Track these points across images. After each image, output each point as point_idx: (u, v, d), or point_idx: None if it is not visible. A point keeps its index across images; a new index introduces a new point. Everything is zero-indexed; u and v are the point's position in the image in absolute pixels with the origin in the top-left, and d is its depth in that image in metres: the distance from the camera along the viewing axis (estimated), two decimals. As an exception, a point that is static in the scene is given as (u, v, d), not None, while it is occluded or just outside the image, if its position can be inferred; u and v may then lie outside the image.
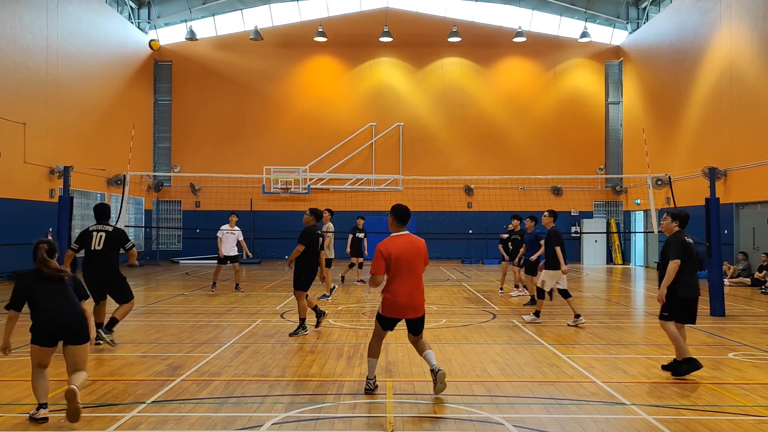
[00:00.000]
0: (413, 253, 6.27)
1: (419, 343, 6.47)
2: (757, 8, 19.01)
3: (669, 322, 7.14)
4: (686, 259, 7.07)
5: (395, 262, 6.18)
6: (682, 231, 7.28)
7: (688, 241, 7.19)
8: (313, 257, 9.77)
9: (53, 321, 5.41)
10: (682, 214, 7.36)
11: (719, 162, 19.89)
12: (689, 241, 7.20)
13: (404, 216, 6.42)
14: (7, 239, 17.87)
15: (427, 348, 6.39)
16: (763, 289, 16.51)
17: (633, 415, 5.69)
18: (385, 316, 6.32)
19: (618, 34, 29.99)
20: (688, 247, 7.14)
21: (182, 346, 8.71)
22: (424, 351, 6.37)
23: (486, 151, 29.42)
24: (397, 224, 6.42)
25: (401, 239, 6.32)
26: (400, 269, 6.19)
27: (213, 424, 5.39)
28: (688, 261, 7.09)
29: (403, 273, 6.20)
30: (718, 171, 18.90)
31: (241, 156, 28.92)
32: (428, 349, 6.38)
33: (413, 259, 6.25)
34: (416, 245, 6.34)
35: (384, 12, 29.11)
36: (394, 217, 6.44)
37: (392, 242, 6.28)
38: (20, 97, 19.09)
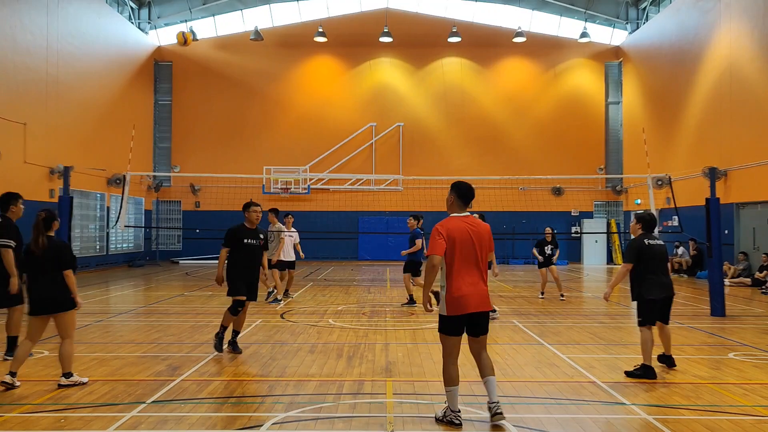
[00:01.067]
0: (475, 239, 5.31)
1: (482, 358, 5.42)
2: (757, 8, 19.01)
3: (644, 327, 7.15)
4: (641, 263, 7.10)
5: (455, 248, 5.26)
6: (646, 234, 7.29)
7: (649, 243, 7.16)
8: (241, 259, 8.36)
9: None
10: (646, 217, 7.41)
11: (719, 162, 19.89)
12: (650, 243, 7.17)
13: (467, 195, 5.48)
14: (7, 239, 17.84)
15: (489, 372, 5.36)
16: (763, 289, 16.51)
17: (633, 415, 5.69)
18: (450, 316, 5.27)
19: (618, 34, 29.99)
20: (645, 251, 7.12)
21: (182, 346, 8.71)
22: (486, 376, 5.36)
23: (486, 151, 29.42)
24: (459, 204, 5.47)
25: (462, 221, 5.39)
26: (461, 257, 5.26)
27: (213, 424, 5.39)
28: (645, 264, 7.09)
29: (464, 261, 5.26)
30: (718, 171, 18.90)
31: (241, 156, 28.93)
32: (491, 374, 5.37)
33: (475, 246, 5.30)
34: (478, 230, 5.36)
35: (384, 12, 29.12)
36: (456, 194, 5.49)
37: (452, 223, 5.37)
38: (20, 97, 19.09)
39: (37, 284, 6.60)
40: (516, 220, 27.64)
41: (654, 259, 7.12)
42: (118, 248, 26.21)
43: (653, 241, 7.23)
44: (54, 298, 6.53)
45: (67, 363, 6.57)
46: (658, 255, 7.17)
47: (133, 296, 15.41)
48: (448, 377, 5.30)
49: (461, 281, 5.24)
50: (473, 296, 5.23)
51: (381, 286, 17.86)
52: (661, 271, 7.18)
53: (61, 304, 6.55)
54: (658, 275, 7.13)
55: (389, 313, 12.26)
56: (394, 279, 19.92)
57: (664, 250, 7.27)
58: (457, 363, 5.35)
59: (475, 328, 5.36)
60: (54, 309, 6.56)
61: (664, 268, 7.22)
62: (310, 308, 12.77)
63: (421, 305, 12.62)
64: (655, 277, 7.10)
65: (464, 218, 5.42)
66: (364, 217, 28.75)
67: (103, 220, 24.59)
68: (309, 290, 16.29)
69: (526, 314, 12.07)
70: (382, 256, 28.73)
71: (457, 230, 5.30)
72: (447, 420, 5.28)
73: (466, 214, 5.48)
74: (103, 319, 11.24)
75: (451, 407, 5.29)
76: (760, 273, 17.57)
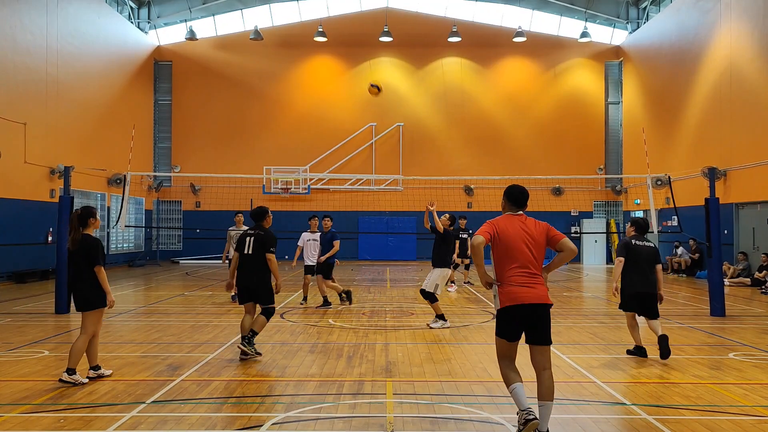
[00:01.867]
0: (526, 238, 5.13)
1: (543, 377, 5.00)
2: (757, 8, 19.01)
3: (625, 312, 8.31)
4: (628, 260, 8.11)
5: (504, 244, 5.10)
6: (636, 235, 8.28)
7: (636, 243, 8.16)
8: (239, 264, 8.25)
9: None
10: (640, 221, 8.43)
11: (719, 162, 19.89)
12: (637, 243, 8.16)
13: (518, 199, 5.35)
14: (7, 239, 17.87)
15: (547, 396, 4.92)
16: (763, 289, 16.50)
17: (633, 415, 5.69)
18: (505, 308, 5.01)
19: (618, 34, 29.99)
20: (631, 249, 8.14)
21: (182, 346, 8.71)
22: (543, 400, 4.91)
23: (486, 151, 29.43)
24: (511, 207, 5.37)
25: (514, 219, 5.28)
26: (510, 254, 5.08)
27: (213, 424, 5.39)
28: (630, 261, 8.10)
29: (514, 258, 5.06)
30: (718, 171, 18.91)
31: (241, 156, 28.93)
32: (549, 399, 4.91)
33: (526, 245, 5.10)
34: (529, 230, 5.19)
35: (384, 12, 29.12)
36: (507, 199, 5.40)
37: (504, 220, 5.26)
38: (20, 97, 19.09)
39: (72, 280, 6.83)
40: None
41: (638, 258, 8.10)
42: (118, 248, 26.21)
43: (641, 243, 8.18)
44: (84, 296, 6.72)
45: (74, 359, 6.59)
46: (643, 255, 8.11)
47: (133, 296, 15.40)
48: (506, 378, 5.08)
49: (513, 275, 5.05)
50: (525, 285, 5.00)
51: (381, 286, 17.86)
52: (643, 269, 8.07)
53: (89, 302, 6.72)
54: (639, 272, 8.07)
55: (389, 313, 12.26)
56: (394, 279, 19.93)
57: (650, 252, 8.15)
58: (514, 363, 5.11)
59: (533, 332, 5.02)
60: (82, 307, 6.77)
61: (645, 268, 8.07)
62: (310, 308, 12.77)
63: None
64: (635, 274, 8.08)
65: (517, 216, 5.31)
66: (364, 217, 28.75)
67: (104, 220, 24.58)
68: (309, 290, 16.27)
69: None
70: (382, 256, 28.74)
71: (506, 227, 5.19)
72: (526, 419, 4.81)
73: (520, 213, 5.35)
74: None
75: (520, 407, 4.91)
76: (759, 273, 17.56)
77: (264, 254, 7.99)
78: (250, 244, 8.11)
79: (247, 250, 8.10)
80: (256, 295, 8.06)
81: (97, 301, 6.72)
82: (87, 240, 6.79)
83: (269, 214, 8.45)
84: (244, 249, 8.11)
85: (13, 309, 12.62)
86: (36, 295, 15.13)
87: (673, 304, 13.03)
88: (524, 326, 5.03)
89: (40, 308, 12.68)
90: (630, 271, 8.09)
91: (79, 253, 6.70)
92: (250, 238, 8.16)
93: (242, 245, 8.14)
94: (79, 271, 6.71)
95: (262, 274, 8.03)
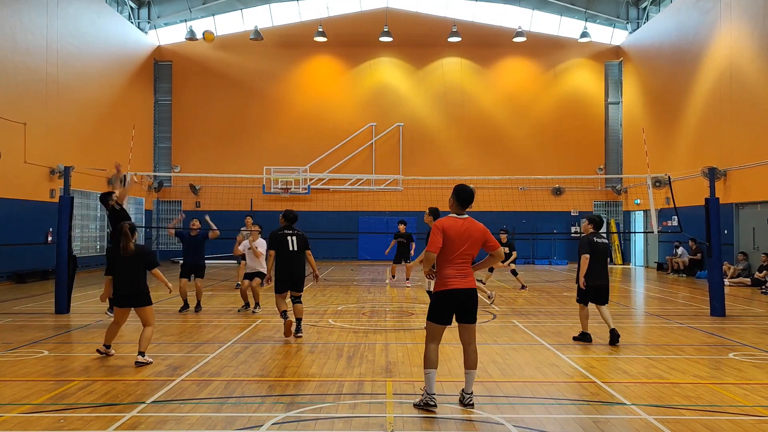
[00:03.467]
0: (468, 239, 5.85)
1: (469, 350, 5.95)
2: (757, 8, 19.01)
3: (580, 304, 9.22)
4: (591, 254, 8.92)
5: (447, 243, 5.78)
6: (594, 232, 9.09)
7: (596, 240, 9.00)
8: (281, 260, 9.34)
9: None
10: (596, 218, 9.15)
11: (719, 162, 19.89)
12: (597, 240, 9.01)
13: (466, 199, 5.98)
14: (7, 239, 17.87)
15: (472, 365, 5.92)
16: (763, 289, 16.50)
17: (633, 415, 5.69)
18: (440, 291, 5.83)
19: (618, 34, 29.99)
20: (593, 246, 8.96)
21: (182, 346, 8.71)
22: (469, 369, 5.92)
23: (486, 151, 29.42)
24: (458, 206, 5.99)
25: (458, 222, 5.89)
26: (451, 250, 5.80)
27: (213, 424, 5.39)
28: (592, 257, 8.91)
29: (454, 254, 5.81)
30: (718, 171, 18.90)
31: (241, 156, 28.93)
32: (473, 368, 5.93)
33: (466, 244, 5.84)
34: (471, 232, 5.88)
35: (384, 12, 29.12)
36: (456, 198, 6.01)
37: (450, 221, 5.88)
38: (20, 97, 19.09)
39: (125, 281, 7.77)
40: (516, 220, 27.60)
41: (597, 253, 8.96)
42: (118, 248, 26.16)
43: (599, 240, 9.04)
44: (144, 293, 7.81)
45: (146, 344, 7.67)
46: (601, 250, 9.00)
47: (133, 296, 15.37)
48: (427, 359, 5.83)
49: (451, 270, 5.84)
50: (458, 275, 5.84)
51: (381, 286, 17.86)
52: (601, 263, 9.00)
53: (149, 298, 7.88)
54: (598, 266, 8.94)
55: (389, 313, 12.26)
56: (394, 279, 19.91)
57: (605, 247, 9.10)
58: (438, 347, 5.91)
59: (462, 312, 5.88)
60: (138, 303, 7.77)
61: (603, 262, 9.05)
62: (310, 308, 12.77)
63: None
64: (595, 268, 8.91)
65: (463, 219, 5.96)
66: (364, 217, 28.74)
67: (104, 220, 24.58)
68: (309, 290, 16.29)
69: (526, 314, 12.07)
70: (382, 256, 28.64)
71: (453, 228, 5.84)
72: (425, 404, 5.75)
73: (466, 216, 5.98)
74: (103, 319, 11.23)
75: (427, 390, 5.76)
76: (759, 273, 17.56)
77: (304, 250, 9.44)
78: (294, 242, 9.38)
79: (291, 247, 9.37)
80: (297, 284, 9.41)
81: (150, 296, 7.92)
82: (143, 248, 7.98)
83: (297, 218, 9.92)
84: (288, 246, 9.33)
85: (13, 309, 12.62)
86: (36, 295, 15.13)
87: (673, 304, 13.02)
88: (455, 309, 5.87)
89: (40, 308, 12.68)
90: (590, 266, 8.88)
91: (136, 258, 7.77)
92: (292, 237, 9.39)
93: (285, 243, 9.32)
94: (137, 273, 7.75)
95: (302, 266, 9.46)
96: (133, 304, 7.79)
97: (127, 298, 7.77)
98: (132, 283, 7.74)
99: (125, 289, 7.75)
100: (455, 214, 5.96)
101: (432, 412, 5.65)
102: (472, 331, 5.96)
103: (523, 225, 28.00)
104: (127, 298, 7.77)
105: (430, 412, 5.65)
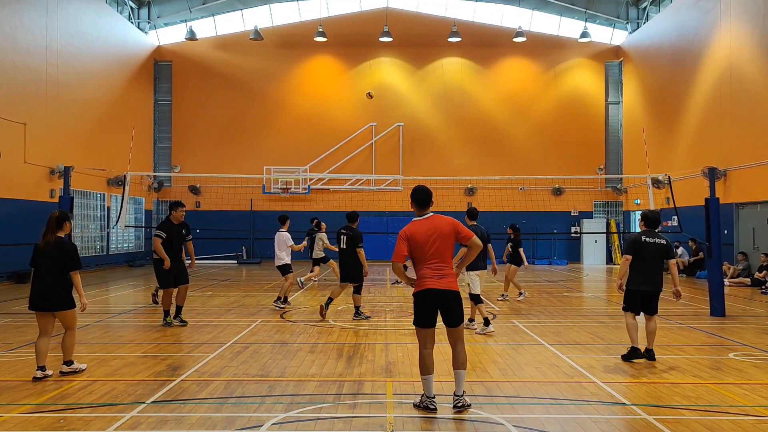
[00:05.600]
0: (436, 237, 5.75)
1: (456, 350, 5.83)
2: (757, 8, 19.01)
3: (626, 312, 8.05)
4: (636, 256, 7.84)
5: (416, 248, 5.76)
6: (646, 231, 7.96)
7: (645, 240, 7.83)
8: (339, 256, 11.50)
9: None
10: (649, 215, 8.05)
11: (719, 162, 19.89)
12: (646, 240, 7.83)
13: (421, 199, 5.93)
14: (7, 239, 17.86)
15: (461, 366, 5.79)
16: (763, 289, 16.51)
17: (633, 415, 5.69)
18: (416, 293, 5.81)
19: (618, 34, 29.99)
20: (640, 246, 7.82)
21: (182, 346, 8.71)
22: (457, 369, 5.80)
23: (486, 151, 29.42)
24: (417, 207, 5.97)
25: (422, 223, 5.85)
26: (422, 254, 5.76)
27: (213, 424, 5.39)
28: (638, 258, 7.82)
29: (426, 256, 5.75)
30: (718, 171, 18.90)
31: (241, 156, 28.92)
32: (462, 368, 5.79)
33: (436, 242, 5.75)
34: (438, 227, 5.79)
35: (384, 12, 29.11)
36: (412, 200, 5.99)
37: (414, 225, 5.88)
38: (20, 97, 19.09)
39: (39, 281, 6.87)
40: (516, 220, 27.46)
41: (647, 255, 7.79)
42: (118, 248, 26.21)
43: (650, 239, 7.84)
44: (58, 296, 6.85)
45: (70, 351, 7.04)
46: (651, 252, 7.79)
47: (133, 296, 15.40)
48: (422, 365, 5.81)
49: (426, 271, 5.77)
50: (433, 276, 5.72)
51: (381, 286, 17.86)
52: (648, 268, 7.80)
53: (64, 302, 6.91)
54: (643, 271, 7.81)
55: (389, 313, 12.26)
56: (394, 279, 19.92)
57: (660, 248, 7.82)
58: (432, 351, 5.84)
59: (446, 314, 5.78)
60: (56, 306, 6.88)
61: (651, 266, 7.80)
62: (310, 308, 12.77)
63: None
64: (639, 272, 7.83)
65: (426, 219, 5.88)
66: (364, 217, 28.50)
67: (104, 220, 24.59)
68: (309, 290, 16.30)
69: (526, 314, 12.07)
70: (382, 256, 28.66)
71: (416, 231, 5.80)
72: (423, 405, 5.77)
73: (429, 215, 5.90)
74: (103, 319, 11.24)
75: (426, 393, 5.77)
76: (759, 273, 17.56)
77: (354, 248, 10.80)
78: (344, 240, 10.88)
79: (342, 245, 10.93)
80: (350, 277, 10.98)
81: (72, 300, 7.00)
82: (64, 243, 6.94)
83: (359, 216, 11.36)
84: (340, 244, 10.96)
85: (13, 309, 12.62)
86: (36, 295, 15.10)
87: (673, 304, 13.02)
88: (435, 311, 5.74)
89: (40, 308, 12.66)
90: (634, 269, 7.86)
91: (53, 254, 6.83)
92: (344, 236, 10.91)
93: (339, 242, 11.01)
94: (52, 272, 6.82)
95: (354, 261, 10.85)
96: (50, 306, 6.84)
97: (44, 298, 6.82)
98: (49, 283, 6.83)
99: (42, 288, 6.83)
100: (417, 217, 5.92)
101: (432, 413, 5.65)
102: (457, 333, 5.85)
103: (523, 225, 27.95)
104: (44, 298, 6.82)
105: (431, 413, 5.65)
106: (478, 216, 10.90)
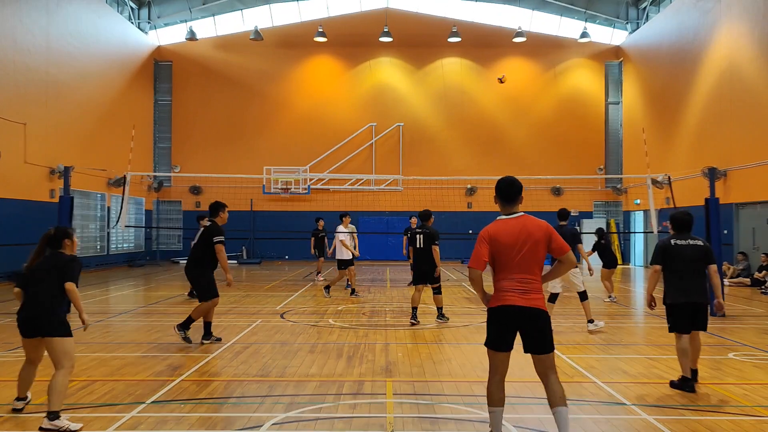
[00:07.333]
0: (527, 242, 4.62)
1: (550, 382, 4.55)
2: (757, 8, 19.01)
3: (674, 333, 6.73)
4: (666, 265, 6.66)
5: (500, 252, 4.64)
6: (676, 234, 6.75)
7: (676, 243, 6.63)
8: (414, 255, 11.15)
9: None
10: (676, 216, 6.85)
11: (719, 162, 19.89)
12: (677, 243, 6.63)
13: (508, 193, 4.86)
14: (7, 239, 17.86)
15: (559, 401, 4.48)
16: (763, 289, 16.51)
17: (633, 415, 5.69)
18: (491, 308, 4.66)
19: (618, 34, 29.99)
20: (669, 252, 6.62)
21: (182, 346, 8.70)
22: (556, 406, 4.48)
23: (486, 151, 29.42)
24: (503, 203, 4.87)
25: (509, 223, 4.74)
26: (503, 261, 4.64)
27: (213, 424, 5.39)
28: (669, 266, 6.65)
29: (512, 267, 4.61)
30: (718, 171, 18.89)
31: (241, 156, 28.92)
32: (562, 404, 4.47)
33: (524, 249, 4.60)
34: (530, 231, 4.65)
35: (384, 12, 29.11)
36: (498, 194, 4.91)
37: (498, 225, 4.76)
38: (20, 97, 19.09)
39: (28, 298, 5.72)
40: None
41: (678, 261, 6.57)
42: (118, 248, 26.21)
43: (682, 242, 6.62)
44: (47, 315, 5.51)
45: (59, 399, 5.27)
46: (683, 257, 6.56)
47: (133, 296, 15.40)
48: (490, 395, 4.67)
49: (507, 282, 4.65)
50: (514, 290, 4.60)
51: (381, 286, 17.86)
52: (682, 275, 6.57)
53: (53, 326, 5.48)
54: (681, 279, 6.57)
55: (389, 313, 12.26)
56: (394, 279, 19.92)
57: (695, 251, 6.57)
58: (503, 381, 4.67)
59: (530, 340, 4.60)
60: (44, 330, 5.49)
61: (686, 273, 6.57)
62: (310, 308, 12.77)
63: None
64: (677, 281, 6.59)
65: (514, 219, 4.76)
66: (364, 217, 28.72)
67: (104, 220, 24.59)
68: (309, 290, 16.30)
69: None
70: (382, 256, 28.71)
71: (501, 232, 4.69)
72: None
73: (519, 214, 4.78)
74: (103, 319, 11.24)
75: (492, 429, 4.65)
76: (759, 273, 17.56)
77: (431, 246, 10.54)
78: (421, 240, 10.65)
79: (418, 244, 10.68)
80: (429, 277, 10.65)
81: (67, 326, 5.54)
82: (63, 255, 5.69)
83: (432, 215, 10.98)
84: (416, 243, 10.71)
85: (13, 309, 12.59)
86: (36, 295, 15.09)
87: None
88: (513, 333, 4.61)
89: (40, 308, 12.65)
90: (669, 280, 6.65)
91: (45, 266, 5.64)
92: (420, 235, 10.68)
93: (414, 241, 10.73)
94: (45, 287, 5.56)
95: (431, 260, 10.55)
96: (39, 331, 5.48)
97: (29, 320, 5.56)
98: (40, 303, 5.55)
99: (31, 307, 5.61)
100: (503, 215, 4.82)
101: None
102: (547, 361, 4.58)
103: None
104: (29, 320, 5.56)
105: None
106: (569, 217, 10.78)
